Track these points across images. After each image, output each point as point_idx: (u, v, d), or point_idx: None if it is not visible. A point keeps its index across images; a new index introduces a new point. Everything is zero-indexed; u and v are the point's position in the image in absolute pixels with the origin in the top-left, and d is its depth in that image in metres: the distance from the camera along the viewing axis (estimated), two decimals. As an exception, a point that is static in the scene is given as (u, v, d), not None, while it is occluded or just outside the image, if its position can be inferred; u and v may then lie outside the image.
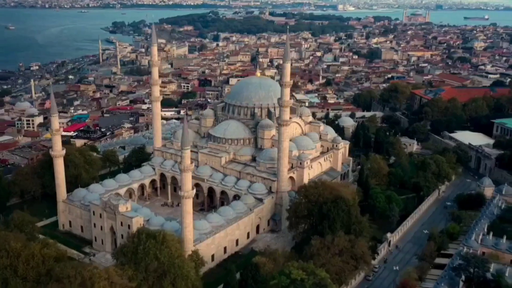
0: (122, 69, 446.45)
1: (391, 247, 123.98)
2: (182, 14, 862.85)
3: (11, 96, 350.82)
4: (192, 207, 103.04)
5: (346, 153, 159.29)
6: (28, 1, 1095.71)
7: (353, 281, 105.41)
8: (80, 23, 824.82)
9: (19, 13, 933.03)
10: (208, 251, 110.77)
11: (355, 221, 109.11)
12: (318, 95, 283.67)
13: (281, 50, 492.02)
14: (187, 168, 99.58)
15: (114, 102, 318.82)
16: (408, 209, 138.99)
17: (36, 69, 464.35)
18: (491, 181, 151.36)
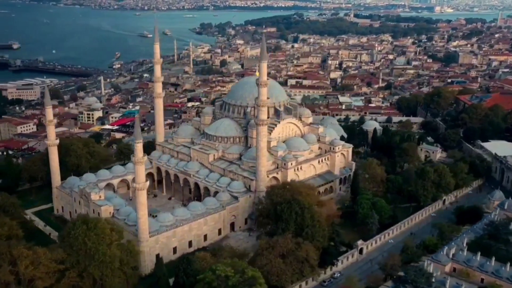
0: (194, 69, 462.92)
1: (365, 255, 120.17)
2: (268, 16, 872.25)
3: (85, 92, 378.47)
4: (146, 199, 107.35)
5: (349, 157, 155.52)
6: (129, 4, 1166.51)
7: (303, 284, 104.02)
8: (173, 24, 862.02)
9: (119, 15, 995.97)
10: (169, 243, 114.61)
11: (309, 224, 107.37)
12: (365, 99, 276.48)
13: (353, 52, 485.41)
14: (139, 161, 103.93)
15: (172, 100, 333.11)
16: (401, 218, 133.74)
17: (117, 67, 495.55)
18: (503, 194, 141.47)
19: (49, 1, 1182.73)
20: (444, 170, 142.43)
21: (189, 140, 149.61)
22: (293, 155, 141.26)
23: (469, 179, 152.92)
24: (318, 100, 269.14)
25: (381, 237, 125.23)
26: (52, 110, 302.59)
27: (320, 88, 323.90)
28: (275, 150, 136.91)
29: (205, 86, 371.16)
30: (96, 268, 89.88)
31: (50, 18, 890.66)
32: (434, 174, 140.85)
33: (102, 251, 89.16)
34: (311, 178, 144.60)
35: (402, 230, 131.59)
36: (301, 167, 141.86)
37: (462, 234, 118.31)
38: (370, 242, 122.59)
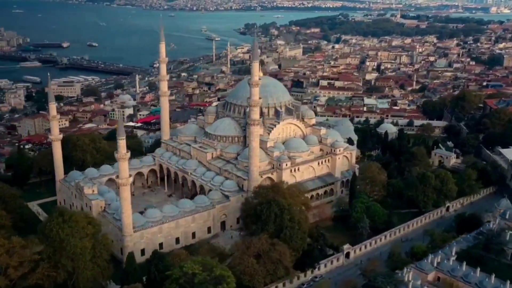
0: (231, 68, 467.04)
1: (352, 259, 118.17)
2: (313, 17, 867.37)
3: (122, 90, 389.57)
4: (129, 194, 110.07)
5: (352, 160, 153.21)
6: (179, 4, 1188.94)
7: (280, 285, 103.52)
8: (219, 24, 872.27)
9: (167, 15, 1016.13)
10: (155, 239, 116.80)
11: (288, 226, 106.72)
12: (391, 101, 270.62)
13: (392, 53, 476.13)
14: (122, 157, 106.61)
15: (202, 99, 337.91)
16: (397, 224, 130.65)
17: (157, 66, 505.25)
18: (510, 203, 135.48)
19: (103, 1, 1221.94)
20: (446, 176, 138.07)
21: (192, 138, 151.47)
22: (291, 156, 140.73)
23: (477, 187, 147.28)
24: (343, 101, 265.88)
25: (371, 242, 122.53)
26: (88, 106, 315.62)
27: (350, 89, 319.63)
28: (271, 151, 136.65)
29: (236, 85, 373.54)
30: (69, 260, 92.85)
31: (103, 18, 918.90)
32: (435, 180, 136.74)
33: (74, 243, 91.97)
34: (309, 180, 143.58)
35: (397, 236, 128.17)
36: (298, 168, 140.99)
37: (453, 242, 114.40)
38: (359, 247, 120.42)
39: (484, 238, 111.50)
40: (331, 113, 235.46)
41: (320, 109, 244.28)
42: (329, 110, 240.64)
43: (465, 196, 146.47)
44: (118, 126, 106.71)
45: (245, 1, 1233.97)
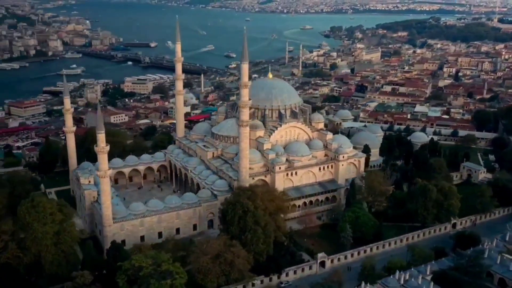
0: (302, 71, 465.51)
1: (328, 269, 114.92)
2: (401, 20, 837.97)
3: (189, 88, 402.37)
4: (109, 186, 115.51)
5: (360, 167, 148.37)
6: (270, 7, 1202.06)
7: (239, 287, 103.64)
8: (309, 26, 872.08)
9: (259, 17, 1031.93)
10: (136, 231, 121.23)
11: (251, 228, 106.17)
12: (446, 109, 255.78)
13: (474, 60, 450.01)
14: (102, 150, 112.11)
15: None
16: (388, 237, 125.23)
17: (232, 67, 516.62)
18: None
19: (199, 3, 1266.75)
20: (450, 190, 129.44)
21: (202, 136, 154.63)
22: (290, 159, 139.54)
23: (492, 205, 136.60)
24: (391, 108, 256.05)
25: (349, 254, 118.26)
26: (152, 103, 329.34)
27: (411, 96, 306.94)
28: (268, 153, 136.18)
29: (300, 88, 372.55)
30: (33, 243, 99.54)
31: (198, 20, 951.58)
32: (438, 193, 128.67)
33: (36, 227, 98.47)
34: (308, 185, 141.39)
35: (385, 249, 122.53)
36: (296, 173, 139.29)
37: (432, 261, 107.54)
38: (337, 257, 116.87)
39: (463, 260, 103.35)
40: (373, 119, 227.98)
41: (364, 114, 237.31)
42: (372, 116, 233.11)
43: (478, 214, 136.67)
44: (98, 121, 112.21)
45: (338, 3, 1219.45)
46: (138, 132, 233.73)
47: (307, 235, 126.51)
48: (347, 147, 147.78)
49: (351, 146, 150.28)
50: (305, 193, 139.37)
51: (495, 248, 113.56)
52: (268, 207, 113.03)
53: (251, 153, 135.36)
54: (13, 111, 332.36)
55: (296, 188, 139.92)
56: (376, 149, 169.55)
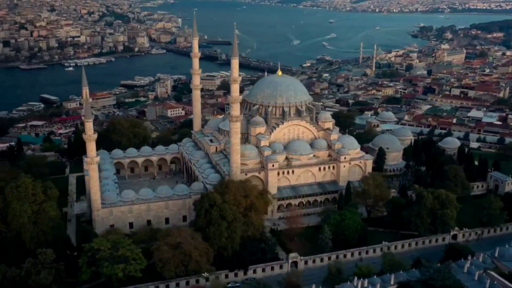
0: (375, 71, 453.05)
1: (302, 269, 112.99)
2: (498, 20, 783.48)
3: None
4: (97, 173, 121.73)
5: (366, 170, 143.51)
6: (361, 6, 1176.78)
7: (201, 280, 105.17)
8: (394, 26, 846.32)
9: (347, 17, 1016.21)
10: (125, 217, 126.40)
11: (215, 223, 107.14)
12: (505, 116, 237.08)
13: None
14: (89, 138, 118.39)
15: (318, 100, 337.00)
16: (373, 243, 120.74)
17: (306, 66, 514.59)
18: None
19: (291, 2, 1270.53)
20: (448, 199, 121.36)
21: (213, 131, 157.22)
22: (289, 158, 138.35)
23: (502, 218, 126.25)
24: (443, 111, 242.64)
25: (331, 256, 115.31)
26: (213, 99, 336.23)
27: (477, 100, 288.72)
28: (263, 150, 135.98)
29: (364, 89, 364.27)
30: (13, 220, 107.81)
31: (288, 19, 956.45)
32: (434, 201, 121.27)
33: (15, 206, 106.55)
34: (306, 185, 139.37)
35: (370, 255, 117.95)
36: (293, 171, 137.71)
37: (400, 271, 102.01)
38: (312, 259, 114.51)
39: (431, 272, 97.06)
40: (416, 123, 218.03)
41: (409, 117, 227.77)
42: (417, 119, 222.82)
43: (484, 227, 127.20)
44: (85, 110, 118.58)
45: (435, 2, 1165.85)
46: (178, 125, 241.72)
47: (293, 235, 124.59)
48: (353, 148, 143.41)
49: (357, 148, 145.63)
50: (301, 193, 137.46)
51: (482, 264, 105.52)
52: (241, 203, 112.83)
53: (247, 149, 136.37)
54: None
55: (292, 187, 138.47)
56: (397, 153, 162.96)
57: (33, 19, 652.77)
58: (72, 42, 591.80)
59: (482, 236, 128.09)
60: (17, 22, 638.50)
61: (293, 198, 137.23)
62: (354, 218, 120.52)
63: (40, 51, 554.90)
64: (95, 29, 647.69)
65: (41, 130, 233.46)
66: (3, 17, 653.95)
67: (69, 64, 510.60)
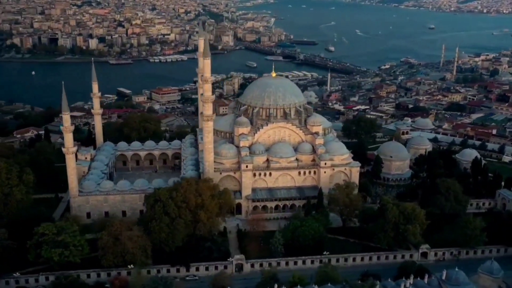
0: (455, 76, 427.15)
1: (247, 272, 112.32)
2: None
3: (320, 86, 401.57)
4: (74, 162, 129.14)
5: (352, 177, 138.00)
6: (468, 6, 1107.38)
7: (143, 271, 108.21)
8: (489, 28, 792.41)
9: (450, 18, 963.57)
10: (100, 206, 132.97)
11: (157, 218, 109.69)
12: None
13: None
14: (66, 130, 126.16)
15: (376, 103, 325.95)
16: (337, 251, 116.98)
17: (385, 68, 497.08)
18: (495, 267, 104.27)
19: (393, 2, 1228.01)
20: (414, 213, 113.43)
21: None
22: (270, 160, 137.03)
23: (481, 239, 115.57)
24: (494, 121, 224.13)
25: (280, 262, 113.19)
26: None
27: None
28: (243, 151, 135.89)
29: (429, 94, 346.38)
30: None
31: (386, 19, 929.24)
32: (399, 215, 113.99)
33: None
34: (284, 189, 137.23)
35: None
36: (270, 174, 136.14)
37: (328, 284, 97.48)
38: (259, 262, 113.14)
39: None
40: (453, 132, 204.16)
41: (448, 126, 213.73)
42: (455, 129, 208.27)
43: (462, 248, 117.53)
44: (62, 103, 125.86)
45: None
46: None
47: (254, 238, 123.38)
48: (339, 154, 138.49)
49: (345, 154, 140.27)
50: (277, 196, 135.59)
51: (426, 286, 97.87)
52: (191, 202, 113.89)
53: (224, 148, 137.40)
54: (154, 97, 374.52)
55: (269, 190, 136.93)
56: (401, 162, 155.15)
57: (130, 17, 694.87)
58: (162, 39, 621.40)
59: (460, 257, 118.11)
60: (116, 20, 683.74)
61: (268, 201, 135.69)
62: (313, 225, 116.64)
63: (131, 47, 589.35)
64: (185, 27, 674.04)
65: (79, 121, 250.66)
66: (105, 16, 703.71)
67: (153, 60, 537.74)
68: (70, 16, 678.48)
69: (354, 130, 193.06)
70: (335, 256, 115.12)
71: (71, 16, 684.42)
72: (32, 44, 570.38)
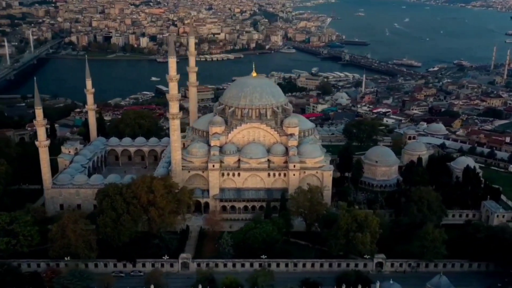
0: (506, 79, 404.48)
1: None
2: None
3: (355, 88, 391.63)
4: (47, 155, 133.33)
5: (325, 181, 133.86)
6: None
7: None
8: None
9: None
10: (73, 199, 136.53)
11: (103, 212, 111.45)
12: None
13: None
14: (39, 124, 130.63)
15: (409, 106, 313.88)
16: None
17: (434, 70, 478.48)
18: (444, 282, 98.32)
19: (459, 2, 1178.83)
20: (366, 221, 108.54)
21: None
22: (241, 160, 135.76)
23: (437, 253, 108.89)
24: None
25: (226, 263, 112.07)
26: (303, 99, 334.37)
27: None
28: (211, 150, 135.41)
29: (466, 98, 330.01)
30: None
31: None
32: (352, 222, 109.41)
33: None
34: (252, 190, 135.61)
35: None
36: (239, 174, 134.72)
37: None
38: (205, 262, 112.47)
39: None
40: (466, 139, 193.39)
41: (463, 132, 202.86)
42: (470, 135, 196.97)
43: (419, 260, 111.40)
44: (35, 98, 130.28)
45: None
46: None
47: (213, 237, 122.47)
48: (311, 157, 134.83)
49: (319, 157, 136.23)
50: (244, 196, 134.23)
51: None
52: (142, 199, 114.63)
53: (195, 147, 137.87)
54: (188, 94, 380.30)
55: (238, 190, 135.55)
56: (387, 168, 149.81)
57: (183, 16, 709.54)
58: (211, 38, 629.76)
59: (418, 269, 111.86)
60: (170, 19, 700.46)
61: (235, 201, 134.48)
62: (267, 228, 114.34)
63: (181, 46, 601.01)
64: (235, 27, 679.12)
65: (111, 115, 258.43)
66: (159, 15, 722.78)
67: (199, 59, 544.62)
68: (127, 16, 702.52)
69: (355, 133, 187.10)
70: (275, 260, 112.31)
71: (128, 15, 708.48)
72: (88, 42, 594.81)
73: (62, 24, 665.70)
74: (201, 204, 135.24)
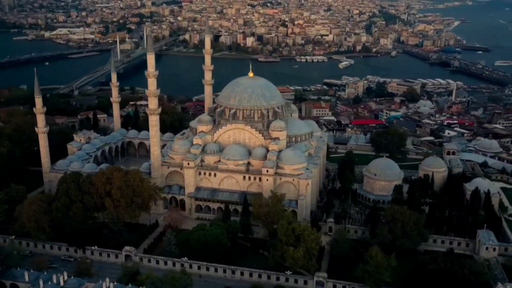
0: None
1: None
2: None
3: (435, 97, 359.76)
4: (46, 142, 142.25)
5: (301, 188, 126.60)
6: None
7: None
8: None
9: None
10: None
11: (59, 198, 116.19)
12: None
13: None
14: (38, 112, 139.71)
15: (496, 121, 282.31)
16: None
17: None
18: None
19: None
20: (303, 235, 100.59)
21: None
22: (221, 161, 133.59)
23: (378, 279, 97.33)
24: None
25: (167, 261, 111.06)
26: (384, 105, 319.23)
27: None
28: (191, 148, 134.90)
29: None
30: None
31: None
32: (291, 235, 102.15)
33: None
34: (226, 191, 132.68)
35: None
36: (215, 174, 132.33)
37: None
38: (147, 258, 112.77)
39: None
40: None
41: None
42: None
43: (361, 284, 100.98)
44: (35, 88, 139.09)
45: None
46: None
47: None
48: (290, 164, 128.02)
49: (300, 164, 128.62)
50: (217, 197, 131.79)
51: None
52: (100, 190, 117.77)
53: (177, 144, 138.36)
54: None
55: (213, 190, 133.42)
56: (386, 183, 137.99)
57: (295, 17, 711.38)
58: (318, 40, 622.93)
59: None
60: (281, 19, 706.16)
61: (209, 201, 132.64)
62: (215, 231, 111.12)
63: (287, 46, 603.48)
64: (345, 29, 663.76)
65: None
66: (272, 15, 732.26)
67: (300, 60, 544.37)
68: (242, 15, 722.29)
69: (384, 143, 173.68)
70: (197, 263, 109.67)
71: (243, 15, 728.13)
72: (199, 40, 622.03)
73: (181, 23, 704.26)
74: (177, 201, 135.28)
